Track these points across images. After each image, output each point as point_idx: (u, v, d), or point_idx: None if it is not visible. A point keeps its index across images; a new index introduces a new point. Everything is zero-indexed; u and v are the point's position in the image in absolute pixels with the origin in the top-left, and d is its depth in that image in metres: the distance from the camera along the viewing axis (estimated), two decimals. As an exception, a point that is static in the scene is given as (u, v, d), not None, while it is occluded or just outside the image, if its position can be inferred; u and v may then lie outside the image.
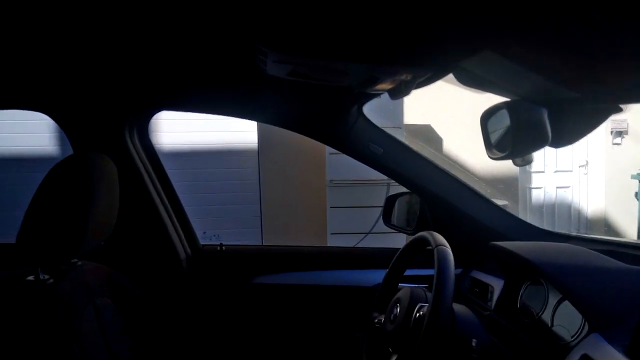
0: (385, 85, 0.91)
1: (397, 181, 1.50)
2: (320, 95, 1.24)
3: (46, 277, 1.02)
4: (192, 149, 4.49)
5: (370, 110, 1.47)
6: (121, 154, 1.41)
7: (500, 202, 2.00)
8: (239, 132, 4.51)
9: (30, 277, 1.01)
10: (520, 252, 1.09)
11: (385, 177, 1.55)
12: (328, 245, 3.74)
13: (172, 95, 1.42)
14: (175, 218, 1.58)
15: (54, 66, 1.27)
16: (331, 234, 3.96)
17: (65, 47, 1.14)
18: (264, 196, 4.50)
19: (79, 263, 1.16)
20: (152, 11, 0.91)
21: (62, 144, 4.35)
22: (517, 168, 4.49)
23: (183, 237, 1.58)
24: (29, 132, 4.34)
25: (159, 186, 1.54)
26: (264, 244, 4.19)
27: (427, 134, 4.55)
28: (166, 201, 1.56)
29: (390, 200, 1.62)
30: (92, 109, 1.42)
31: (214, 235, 3.97)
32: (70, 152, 1.27)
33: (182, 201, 1.63)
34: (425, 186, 1.45)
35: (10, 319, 0.93)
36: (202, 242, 1.67)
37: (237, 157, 4.55)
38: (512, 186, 4.72)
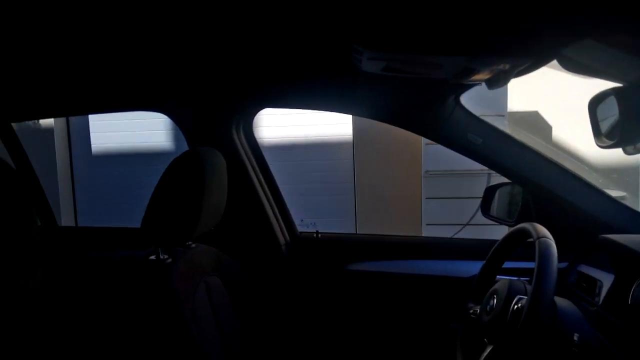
0: (482, 76, 0.89)
1: (497, 171, 1.45)
2: (415, 86, 1.25)
3: (165, 257, 1.16)
4: (291, 143, 4.67)
5: (469, 99, 1.43)
6: (229, 149, 1.54)
7: (616, 194, 1.84)
8: (334, 125, 4.60)
9: (152, 257, 1.16)
10: (634, 246, 1.01)
11: (486, 168, 1.51)
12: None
13: (273, 94, 1.51)
14: (275, 207, 1.68)
15: (172, 72, 1.41)
16: (426, 224, 3.90)
17: (182, 55, 1.26)
18: (358, 187, 4.55)
19: (193, 245, 1.29)
20: (255, 18, 0.98)
21: (176, 140, 4.78)
22: (638, 157, 4.04)
23: (282, 224, 1.68)
24: (148, 130, 4.84)
25: (261, 177, 1.66)
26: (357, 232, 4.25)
27: (533, 121, 4.26)
28: (267, 191, 1.67)
29: (490, 191, 1.57)
30: (205, 109, 1.56)
31: (311, 223, 4.10)
32: (184, 148, 1.42)
33: (282, 191, 1.73)
34: (528, 176, 1.39)
35: (135, 292, 1.07)
36: (299, 229, 1.76)
37: (332, 150, 4.65)
38: (629, 176, 4.26)
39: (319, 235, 1.68)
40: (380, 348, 1.57)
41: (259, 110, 1.62)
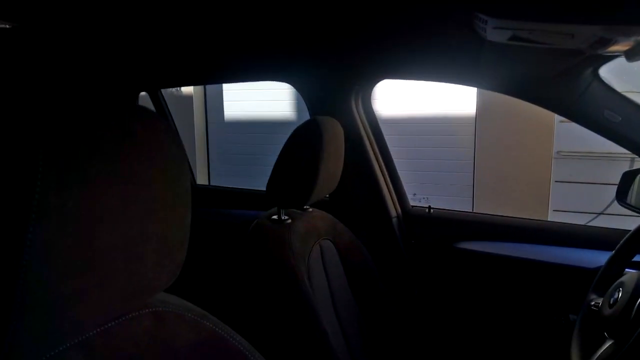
0: (620, 47, 0.80)
1: (637, 154, 1.30)
2: (546, 57, 1.16)
3: (286, 217, 1.27)
4: (409, 115, 4.60)
5: (609, 72, 1.29)
6: (347, 119, 1.59)
7: None
8: (455, 98, 4.41)
9: (274, 217, 1.27)
10: None
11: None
12: (548, 222, 3.43)
13: (393, 65, 1.51)
14: (388, 179, 1.70)
15: (298, 44, 1.48)
16: (553, 210, 3.60)
17: (307, 26, 1.32)
18: (478, 165, 4.34)
19: (310, 209, 1.38)
20: None
21: (301, 110, 5.00)
22: None
23: (395, 197, 1.70)
24: (275, 100, 5.12)
25: (376, 149, 1.68)
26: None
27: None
28: (382, 163, 1.69)
29: (628, 176, 1.41)
30: (326, 79, 1.62)
31: (423, 198, 4.05)
32: (307, 117, 1.50)
33: (396, 164, 1.74)
34: None
35: (257, 246, 1.18)
36: (411, 203, 1.77)
37: (452, 125, 4.47)
38: None
39: (431, 210, 1.67)
40: (488, 333, 1.54)
41: (378, 82, 1.63)
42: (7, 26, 1.23)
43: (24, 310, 0.38)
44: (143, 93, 2.18)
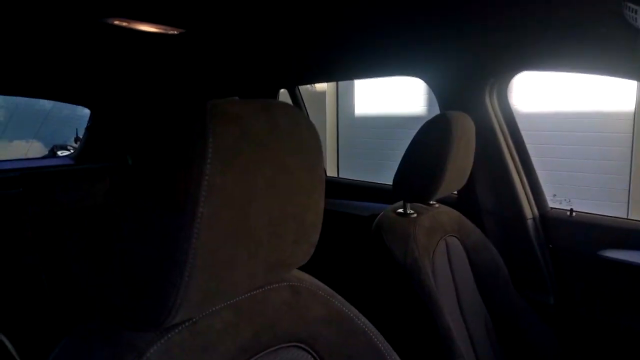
0: None
1: None
2: None
3: (411, 212, 1.28)
4: (552, 110, 4.22)
5: None
6: (480, 114, 1.53)
7: None
8: (609, 93, 3.92)
9: (400, 210, 1.29)
10: None
11: None
12: None
13: (534, 55, 1.41)
14: (524, 178, 1.60)
15: (429, 37, 1.47)
16: None
17: (441, 19, 1.31)
18: (636, 167, 3.82)
19: (436, 205, 1.38)
20: None
21: (430, 106, 4.90)
22: None
23: (531, 197, 1.60)
24: (404, 97, 5.09)
25: (511, 145, 1.60)
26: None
27: None
28: (517, 161, 1.60)
29: None
30: (459, 72, 1.58)
31: (564, 200, 3.69)
32: (436, 112, 1.48)
33: (535, 163, 1.63)
34: None
35: (382, 238, 1.21)
36: (550, 205, 1.64)
37: (605, 121, 3.99)
38: None
39: (574, 213, 1.54)
40: (634, 349, 1.37)
41: (516, 74, 1.54)
42: (176, 32, 1.44)
43: (194, 270, 0.47)
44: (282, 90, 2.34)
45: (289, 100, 2.31)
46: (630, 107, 3.82)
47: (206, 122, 0.47)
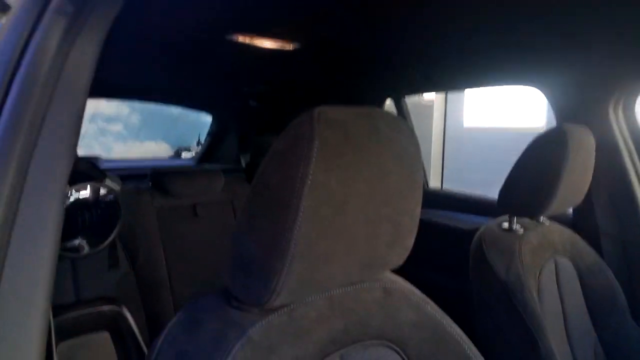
0: None
1: None
2: None
3: (518, 227, 1.22)
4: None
5: None
6: (602, 128, 1.41)
7: None
8: None
9: (505, 225, 1.24)
10: None
11: None
12: None
13: None
14: None
15: (551, 44, 1.39)
16: None
17: (562, 25, 1.23)
18: None
19: (547, 223, 1.30)
20: None
21: (545, 120, 4.57)
22: None
23: None
24: (517, 109, 4.81)
25: (638, 163, 1.45)
26: None
27: None
28: None
29: None
30: (581, 85, 1.47)
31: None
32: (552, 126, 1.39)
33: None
34: None
35: (483, 255, 1.17)
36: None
37: None
38: None
39: None
40: None
41: (647, 87, 1.40)
42: (291, 48, 1.54)
43: (294, 257, 0.52)
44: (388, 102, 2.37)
45: (394, 110, 2.33)
46: None
47: (313, 126, 0.52)
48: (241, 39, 1.45)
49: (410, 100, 2.36)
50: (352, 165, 0.55)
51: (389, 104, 2.36)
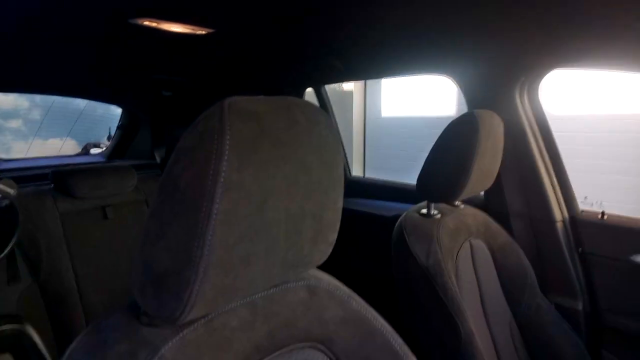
0: None
1: None
2: None
3: (435, 212, 1.26)
4: (588, 112, 4.09)
5: None
6: (509, 113, 1.49)
7: None
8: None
9: (424, 211, 1.27)
10: None
11: None
12: None
13: (567, 52, 1.37)
14: (555, 179, 1.56)
15: (457, 34, 1.44)
16: None
17: (469, 14, 1.28)
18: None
19: (462, 206, 1.35)
20: None
21: (459, 106, 4.82)
22: None
23: (561, 199, 1.55)
24: (432, 97, 5.02)
25: (542, 146, 1.55)
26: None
27: None
28: (548, 162, 1.55)
29: None
30: (489, 71, 1.54)
31: (596, 203, 3.57)
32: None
33: (566, 165, 1.58)
34: None
35: (403, 239, 1.20)
36: (581, 207, 1.59)
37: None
38: None
39: (605, 216, 1.48)
40: None
41: (548, 72, 1.49)
42: (204, 32, 1.45)
43: (209, 265, 0.47)
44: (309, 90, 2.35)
45: (315, 100, 2.32)
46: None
47: (223, 119, 0.47)
48: (147, 23, 1.34)
49: (331, 89, 2.36)
50: (270, 161, 0.51)
51: (309, 91, 2.34)
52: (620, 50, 1.27)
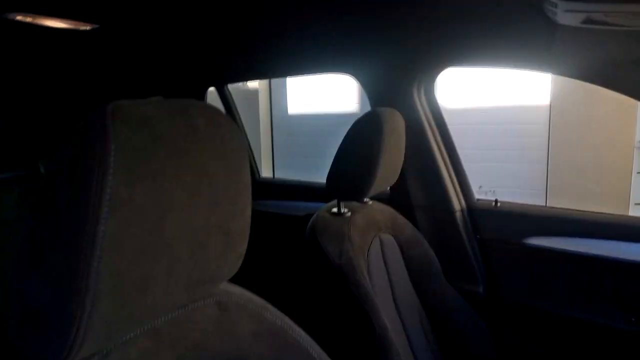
0: None
1: None
2: (625, 40, 1.06)
3: (345, 210, 1.27)
4: (475, 105, 4.43)
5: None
6: (409, 110, 1.56)
7: None
8: (527, 87, 4.18)
9: (334, 210, 1.27)
10: None
11: None
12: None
13: (459, 52, 1.45)
14: (452, 171, 1.65)
15: (358, 35, 1.47)
16: (635, 204, 3.34)
17: (369, 18, 1.31)
18: (552, 156, 4.10)
19: (370, 203, 1.38)
20: None
21: (364, 103, 4.97)
22: None
23: (459, 189, 1.65)
24: (338, 94, 5.12)
25: (439, 139, 1.64)
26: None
27: None
28: (445, 155, 1.64)
29: None
30: (388, 70, 1.60)
31: (490, 191, 3.89)
32: (368, 109, 1.48)
33: (461, 156, 1.69)
34: None
35: (315, 240, 1.19)
36: (477, 196, 1.71)
37: (524, 113, 4.25)
38: None
39: (498, 203, 1.61)
40: (559, 333, 1.45)
41: (441, 70, 1.58)
42: (88, 28, 1.32)
43: (98, 296, 0.42)
44: (211, 89, 2.26)
45: (218, 100, 2.24)
46: (546, 99, 4.09)
47: (107, 126, 0.42)
48: (20, 18, 1.19)
49: (235, 88, 2.29)
50: (166, 172, 0.46)
51: (212, 90, 2.26)
52: (505, 49, 1.38)
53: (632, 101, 1.58)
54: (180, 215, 0.48)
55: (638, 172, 3.37)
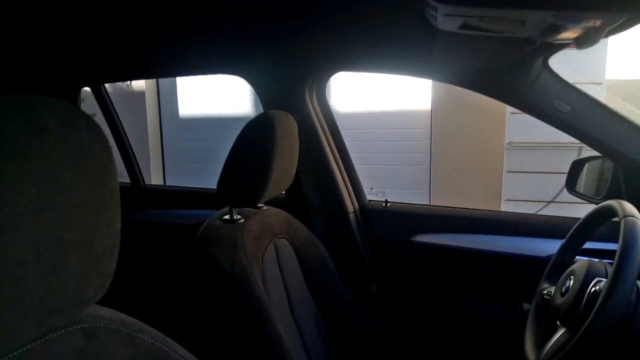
0: (570, 34, 0.80)
1: (586, 143, 1.33)
2: (497, 47, 1.16)
3: (238, 217, 1.21)
4: (365, 109, 4.61)
5: (559, 63, 1.31)
6: (301, 112, 1.54)
7: None
8: (411, 93, 4.46)
9: (227, 217, 1.21)
10: None
11: (577, 140, 1.39)
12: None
13: (347, 57, 1.48)
14: (345, 174, 1.68)
15: (250, 36, 1.43)
16: (506, 200, 3.72)
17: (260, 20, 1.27)
18: (434, 158, 4.42)
19: (264, 208, 1.34)
20: None
21: (257, 105, 4.91)
22: None
23: (352, 191, 1.68)
24: (230, 96, 5.00)
25: (332, 142, 1.65)
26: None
27: (636, 91, 3.85)
28: (338, 157, 1.67)
29: (577, 165, 1.45)
30: (280, 72, 1.57)
31: (380, 192, 4.08)
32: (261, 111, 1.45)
33: (353, 159, 1.72)
34: (621, 150, 1.26)
35: (207, 250, 1.12)
36: (368, 198, 1.75)
37: (408, 118, 4.53)
38: None
39: (388, 204, 1.66)
40: (447, 325, 1.54)
41: (332, 74, 1.60)
42: None
43: None
44: (86, 88, 2.06)
45: (93, 101, 2.04)
46: (427, 105, 4.39)
47: None
48: None
49: (117, 89, 2.11)
50: (5, 182, 0.38)
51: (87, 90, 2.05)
52: (389, 55, 1.43)
53: (502, 105, 1.74)
54: (25, 234, 0.40)
55: (508, 171, 3.75)
